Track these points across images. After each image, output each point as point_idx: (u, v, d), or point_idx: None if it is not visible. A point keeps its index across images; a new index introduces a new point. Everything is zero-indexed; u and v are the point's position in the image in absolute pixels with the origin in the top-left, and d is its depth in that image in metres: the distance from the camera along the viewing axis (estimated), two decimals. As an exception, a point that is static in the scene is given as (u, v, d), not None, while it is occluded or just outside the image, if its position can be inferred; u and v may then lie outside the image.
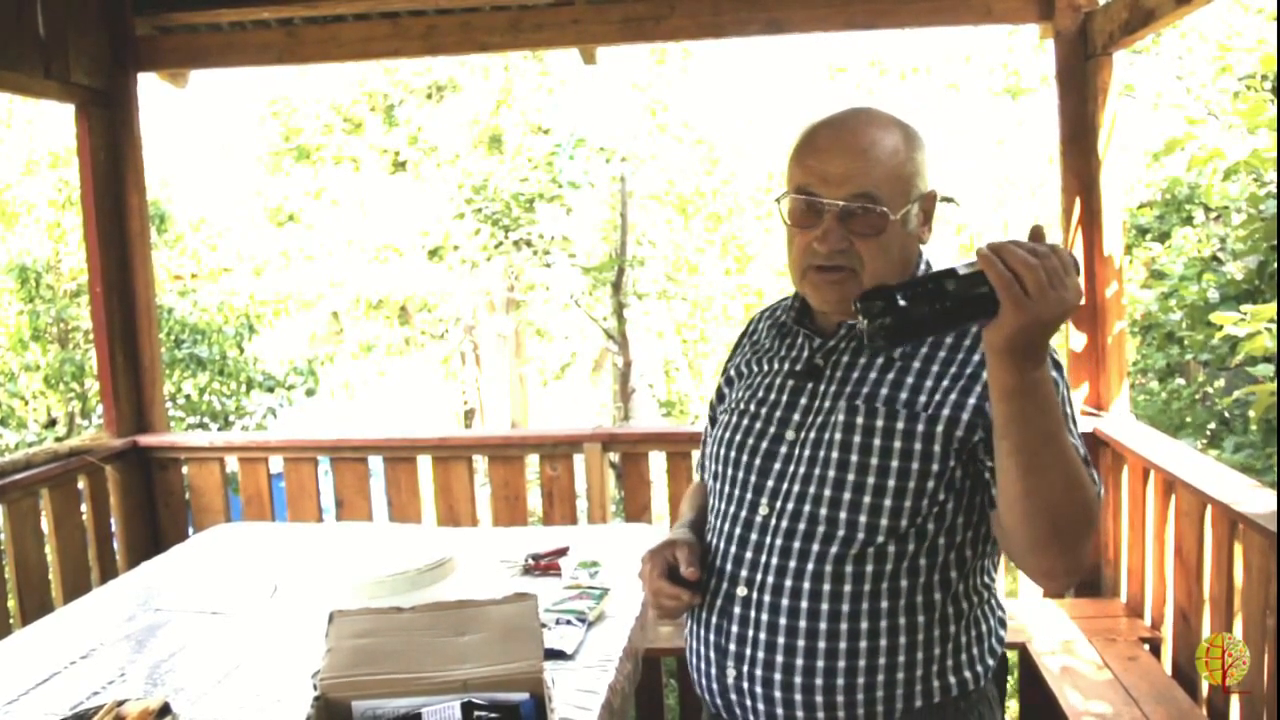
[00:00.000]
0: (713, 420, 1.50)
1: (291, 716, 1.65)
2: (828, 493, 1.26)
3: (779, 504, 1.29)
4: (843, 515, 1.25)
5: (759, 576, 1.29)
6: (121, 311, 3.71)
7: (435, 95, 11.78)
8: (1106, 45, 3.21)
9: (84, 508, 3.49)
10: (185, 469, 3.77)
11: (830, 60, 11.42)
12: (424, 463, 3.63)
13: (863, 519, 1.25)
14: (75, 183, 4.57)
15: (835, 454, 1.27)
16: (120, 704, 1.61)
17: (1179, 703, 2.55)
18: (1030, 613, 3.10)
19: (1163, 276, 6.01)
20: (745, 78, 12.64)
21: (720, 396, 1.50)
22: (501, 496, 3.54)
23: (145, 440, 3.70)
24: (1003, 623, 1.37)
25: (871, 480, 1.24)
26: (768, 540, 1.29)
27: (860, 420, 1.27)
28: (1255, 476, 3.46)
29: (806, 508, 1.27)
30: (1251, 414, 4.67)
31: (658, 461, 3.58)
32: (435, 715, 1.40)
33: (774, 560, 1.28)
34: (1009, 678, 3.94)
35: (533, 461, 3.74)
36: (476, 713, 1.40)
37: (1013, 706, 3.74)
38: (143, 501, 3.70)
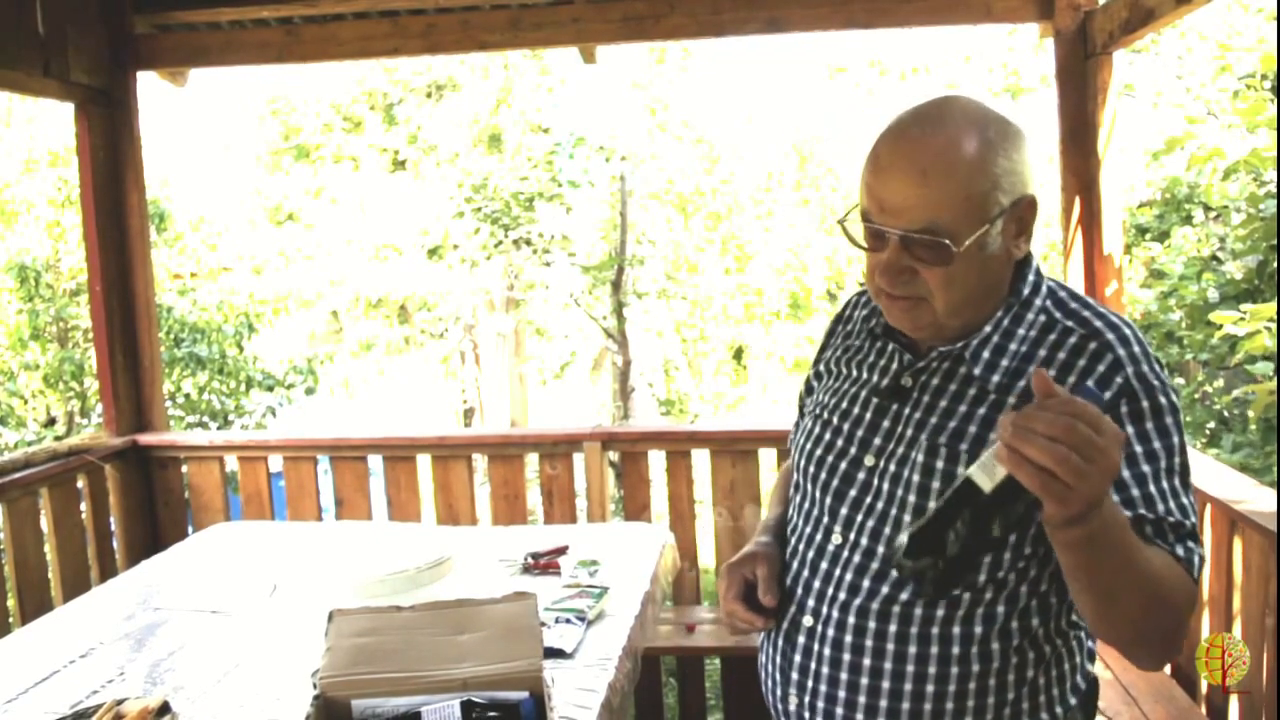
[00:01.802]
0: (801, 410, 1.44)
1: (291, 715, 1.65)
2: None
3: (852, 536, 1.23)
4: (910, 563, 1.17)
5: (824, 609, 1.24)
6: (121, 310, 3.71)
7: (435, 94, 11.78)
8: (1106, 44, 3.20)
9: (83, 507, 3.49)
10: (185, 468, 3.77)
11: (830, 60, 11.43)
12: (423, 462, 3.63)
13: None
14: (75, 181, 4.59)
15: (913, 497, 1.18)
16: (120, 703, 1.61)
17: (1178, 702, 2.55)
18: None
19: (1162, 276, 6.01)
20: (745, 77, 12.66)
21: (809, 389, 1.44)
22: (501, 495, 3.54)
23: (145, 439, 3.70)
24: (1091, 654, 1.27)
25: None
26: (837, 572, 1.23)
27: (940, 464, 1.17)
28: (1253, 476, 3.46)
29: (880, 547, 1.20)
30: (1250, 413, 4.67)
31: (657, 460, 3.58)
32: (435, 714, 1.40)
33: (841, 595, 1.22)
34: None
35: (532, 460, 3.74)
36: (476, 711, 1.40)
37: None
38: (142, 500, 3.70)
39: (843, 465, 1.26)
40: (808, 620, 1.25)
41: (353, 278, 12.18)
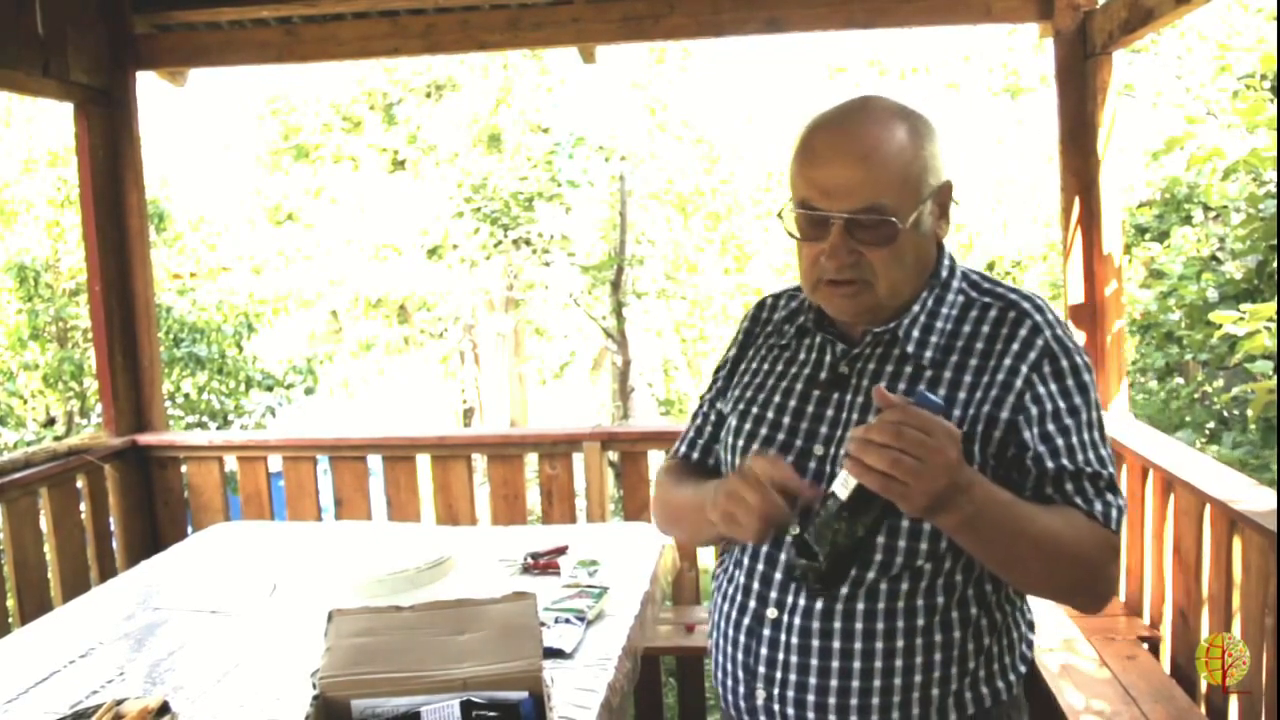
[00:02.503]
0: (699, 416, 1.45)
1: (291, 715, 1.65)
2: None
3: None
4: (880, 540, 1.20)
5: (789, 599, 1.25)
6: (120, 310, 3.71)
7: (434, 94, 11.77)
8: (1106, 44, 3.20)
9: (83, 507, 3.49)
10: (184, 468, 3.77)
11: (830, 60, 11.42)
12: (423, 462, 3.63)
13: (901, 544, 1.20)
14: (74, 181, 4.59)
15: None
16: (119, 703, 1.61)
17: (1177, 701, 2.55)
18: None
19: (1162, 276, 6.01)
20: (745, 77, 12.65)
21: (719, 394, 1.43)
22: (500, 495, 3.54)
23: (144, 439, 3.70)
24: (1031, 626, 1.35)
25: None
26: None
27: None
28: (1251, 473, 3.46)
29: None
30: (1250, 412, 4.67)
31: (657, 460, 3.58)
32: (434, 714, 1.40)
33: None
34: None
35: (532, 460, 3.74)
36: (475, 711, 1.40)
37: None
38: (142, 500, 3.70)
39: (790, 458, 1.27)
40: (771, 612, 1.26)
41: (352, 278, 12.17)
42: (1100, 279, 3.34)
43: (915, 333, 1.25)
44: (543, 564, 2.33)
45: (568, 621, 1.94)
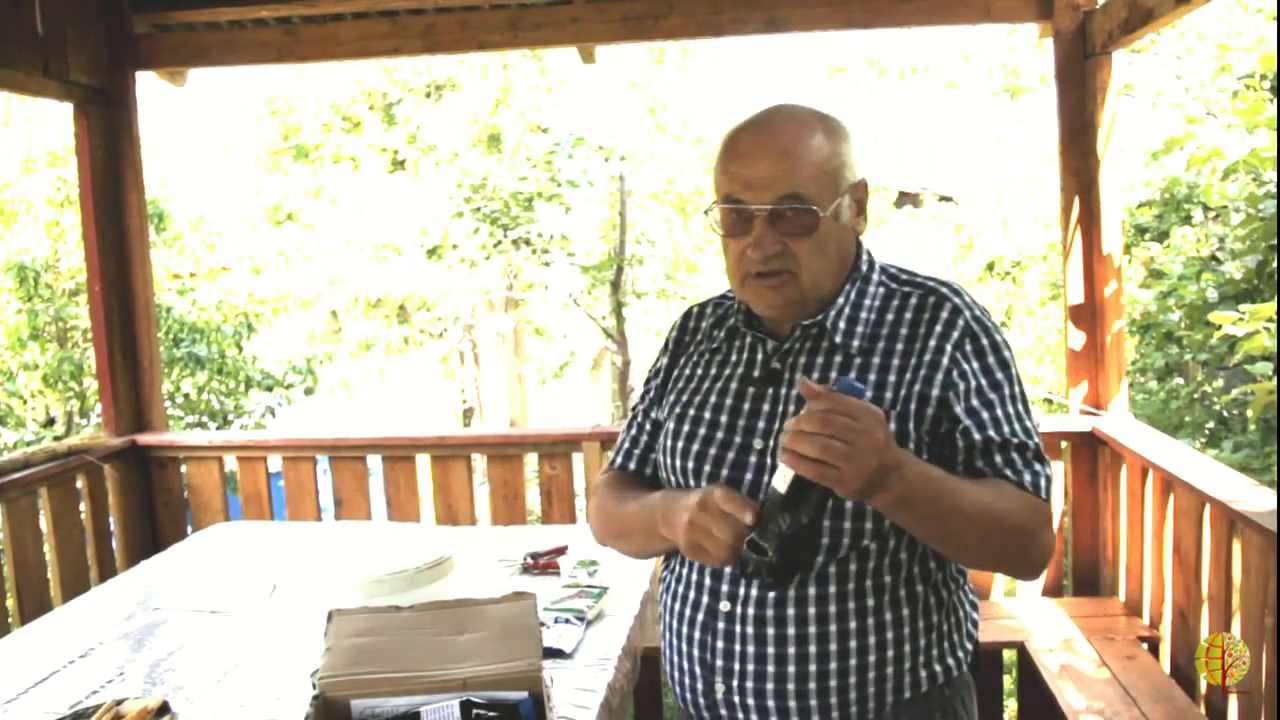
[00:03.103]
0: (634, 426, 1.48)
1: (291, 715, 1.65)
2: None
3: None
4: (826, 523, 1.23)
5: (741, 591, 1.27)
6: (120, 310, 3.71)
7: (434, 94, 11.76)
8: (1105, 44, 3.21)
9: (83, 507, 3.49)
10: (184, 468, 3.77)
11: (830, 60, 11.41)
12: (423, 462, 3.63)
13: (847, 525, 1.23)
14: (74, 181, 4.59)
15: None
16: (119, 703, 1.61)
17: (1177, 701, 2.55)
18: (1029, 611, 3.10)
19: (1161, 276, 6.00)
20: (745, 77, 12.64)
21: (654, 402, 1.46)
22: (500, 495, 3.54)
23: (144, 439, 3.70)
24: (975, 606, 1.38)
25: None
26: None
27: None
28: (1254, 476, 3.46)
29: None
30: (1250, 413, 4.67)
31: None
32: (434, 714, 1.40)
33: None
34: (1006, 676, 3.95)
35: (531, 460, 3.74)
36: (475, 711, 1.40)
37: (1011, 705, 3.74)
38: (141, 500, 3.70)
39: (730, 455, 1.31)
40: (725, 605, 1.28)
41: (352, 278, 12.16)
42: (1100, 279, 3.35)
43: (842, 324, 1.30)
44: (542, 564, 2.33)
45: (568, 621, 1.94)
